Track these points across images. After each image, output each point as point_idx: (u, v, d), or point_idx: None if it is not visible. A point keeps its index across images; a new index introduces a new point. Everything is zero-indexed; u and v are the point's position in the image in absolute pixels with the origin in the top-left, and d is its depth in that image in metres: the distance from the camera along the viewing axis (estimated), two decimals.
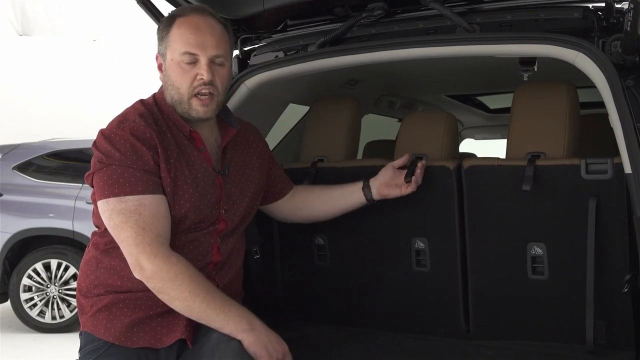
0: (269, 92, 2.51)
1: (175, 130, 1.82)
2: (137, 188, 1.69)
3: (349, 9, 2.26)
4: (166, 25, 1.80)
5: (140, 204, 1.69)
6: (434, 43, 2.09)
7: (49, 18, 12.99)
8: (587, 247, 1.93)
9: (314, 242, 2.39)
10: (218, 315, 1.70)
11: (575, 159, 1.96)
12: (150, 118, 1.79)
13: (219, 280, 1.90)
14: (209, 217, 1.84)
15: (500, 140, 5.61)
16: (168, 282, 1.68)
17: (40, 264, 6.26)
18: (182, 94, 1.80)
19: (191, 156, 1.82)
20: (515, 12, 2.03)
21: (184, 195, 1.78)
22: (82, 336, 1.85)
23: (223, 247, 1.90)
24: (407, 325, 2.28)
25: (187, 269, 1.70)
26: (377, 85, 3.46)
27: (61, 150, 6.67)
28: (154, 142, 1.74)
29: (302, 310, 2.47)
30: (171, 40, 1.79)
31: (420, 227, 2.22)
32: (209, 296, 1.70)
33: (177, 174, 1.77)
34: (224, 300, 1.73)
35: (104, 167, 1.72)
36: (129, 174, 1.70)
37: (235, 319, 1.71)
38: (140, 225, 1.68)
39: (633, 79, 1.82)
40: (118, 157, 1.70)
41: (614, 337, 1.97)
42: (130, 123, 1.75)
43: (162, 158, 1.74)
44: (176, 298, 1.69)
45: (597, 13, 1.96)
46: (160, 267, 1.68)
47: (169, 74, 1.80)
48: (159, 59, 1.84)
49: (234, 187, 1.91)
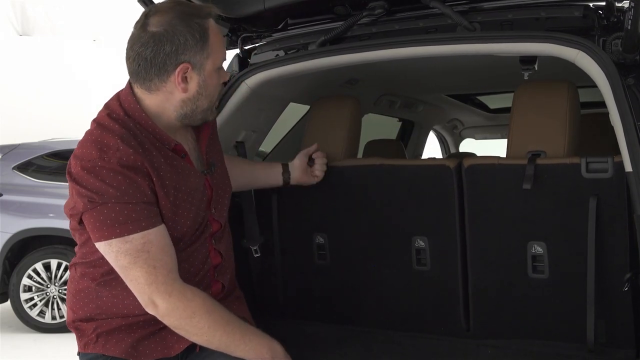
0: (269, 91, 2.51)
1: (157, 143, 1.68)
2: (141, 224, 1.58)
3: (349, 8, 2.25)
4: (201, 34, 1.65)
5: (146, 241, 1.59)
6: (435, 42, 2.09)
7: (49, 18, 12.99)
8: (588, 246, 1.93)
9: (314, 241, 2.39)
10: (239, 347, 1.69)
11: (576, 158, 1.96)
12: (131, 139, 1.62)
13: (222, 280, 1.88)
14: (202, 222, 1.79)
15: (500, 140, 5.63)
16: (186, 319, 1.63)
17: (40, 264, 6.26)
18: (214, 100, 1.75)
19: (179, 168, 1.71)
20: (516, 11, 2.03)
21: (184, 213, 1.71)
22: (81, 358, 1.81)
23: (219, 247, 1.87)
24: (408, 324, 2.28)
25: (204, 303, 1.66)
26: (377, 84, 3.46)
27: (61, 150, 6.67)
28: (145, 170, 1.61)
29: (302, 310, 2.47)
30: (213, 49, 1.68)
31: (421, 225, 2.22)
32: (228, 328, 1.68)
33: (176, 194, 1.68)
34: (243, 331, 1.71)
35: (97, 206, 1.57)
36: (129, 210, 1.57)
37: (257, 347, 1.70)
38: (150, 263, 1.59)
39: (634, 78, 1.82)
40: (113, 194, 1.56)
41: (614, 335, 1.97)
42: (113, 152, 1.58)
43: (157, 184, 1.63)
44: (194, 334, 1.67)
45: (597, 12, 1.96)
46: (177, 306, 1.62)
47: (207, 84, 1.70)
48: (189, 70, 1.66)
49: (220, 182, 1.88)
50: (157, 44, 1.62)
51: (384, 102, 3.80)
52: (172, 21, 1.63)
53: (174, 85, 1.66)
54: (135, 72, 1.67)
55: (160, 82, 1.66)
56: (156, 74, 1.65)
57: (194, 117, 1.74)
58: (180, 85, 1.66)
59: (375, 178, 2.28)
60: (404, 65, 2.78)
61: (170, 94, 1.68)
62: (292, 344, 2.16)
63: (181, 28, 1.62)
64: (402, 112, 4.37)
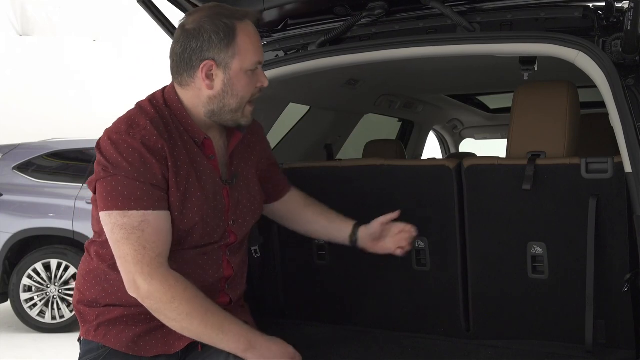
0: (269, 92, 2.49)
1: (186, 136, 1.74)
2: (143, 203, 1.62)
3: (349, 8, 2.26)
4: (227, 33, 1.69)
5: (144, 220, 1.62)
6: (435, 42, 2.09)
7: (49, 18, 13.00)
8: (587, 247, 1.93)
9: (314, 242, 2.39)
10: (217, 336, 1.66)
11: (576, 158, 1.96)
12: (161, 124, 1.70)
13: (231, 295, 1.87)
14: (217, 230, 1.78)
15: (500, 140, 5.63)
16: (165, 304, 1.64)
17: (40, 264, 6.26)
18: (243, 102, 1.76)
19: (201, 165, 1.75)
20: (515, 12, 2.03)
21: (193, 209, 1.71)
22: (82, 344, 1.82)
23: (233, 260, 1.85)
24: (407, 324, 2.28)
25: (184, 290, 1.65)
26: (377, 84, 3.46)
27: (61, 150, 6.68)
28: (164, 154, 1.66)
29: (302, 310, 2.47)
30: (241, 49, 1.70)
31: (421, 226, 2.21)
32: (207, 317, 1.66)
33: (187, 187, 1.71)
34: (222, 320, 1.68)
35: (108, 177, 1.64)
36: (135, 187, 1.62)
37: (235, 338, 1.67)
38: (141, 243, 1.62)
39: (633, 78, 1.82)
40: (125, 168, 1.62)
41: (614, 336, 1.97)
42: (141, 130, 1.66)
43: (171, 171, 1.67)
44: (173, 319, 1.66)
45: (597, 12, 1.96)
46: (157, 289, 1.63)
47: (233, 83, 1.72)
48: (213, 68, 1.70)
49: (241, 196, 1.86)
50: (186, 40, 1.70)
51: (384, 102, 3.80)
52: (202, 20, 1.70)
53: (200, 81, 1.72)
54: (171, 67, 1.77)
55: (189, 77, 1.73)
56: (185, 70, 1.73)
57: (223, 116, 1.76)
58: (205, 81, 1.71)
59: (375, 178, 2.28)
60: (404, 65, 2.78)
61: (199, 90, 1.74)
62: (291, 344, 2.16)
63: (208, 26, 1.69)
64: (402, 112, 4.38)
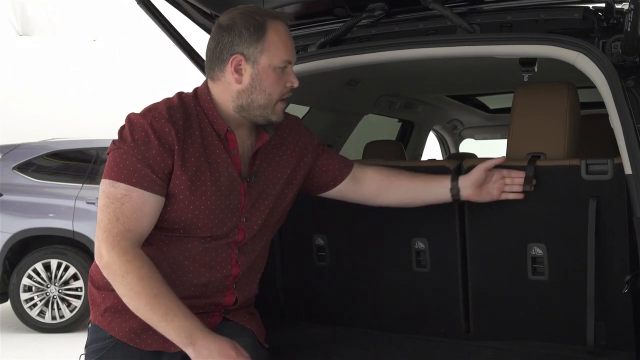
0: None
1: (208, 128, 1.79)
2: (131, 179, 1.68)
3: (349, 10, 2.26)
4: (258, 29, 1.74)
5: (126, 194, 1.68)
6: (434, 44, 2.09)
7: (49, 18, 13.01)
8: (588, 248, 1.93)
9: (314, 242, 2.39)
10: (161, 323, 1.65)
11: (576, 160, 1.96)
12: (180, 112, 1.76)
13: (238, 295, 1.86)
14: (228, 224, 1.80)
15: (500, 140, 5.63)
16: (118, 277, 1.66)
17: (40, 264, 6.27)
18: (272, 99, 1.78)
19: (218, 158, 1.78)
20: (515, 13, 2.03)
21: (201, 197, 1.74)
22: (91, 329, 1.84)
23: (242, 259, 1.85)
24: (407, 325, 2.28)
25: (139, 268, 1.65)
26: (377, 85, 3.46)
27: (61, 150, 6.68)
28: (171, 139, 1.71)
29: (302, 311, 2.47)
30: (270, 46, 1.74)
31: (421, 227, 2.22)
32: (155, 300, 1.64)
33: (197, 174, 1.74)
34: (169, 308, 1.65)
35: (114, 149, 1.73)
36: (131, 162, 1.69)
37: (176, 330, 1.64)
38: (116, 214, 1.67)
39: (633, 80, 1.82)
40: (128, 143, 1.70)
41: (614, 337, 1.97)
42: (154, 113, 1.73)
43: (178, 156, 1.71)
44: (124, 295, 1.67)
45: (597, 14, 1.96)
46: (114, 260, 1.66)
47: (261, 78, 1.76)
48: (243, 62, 1.75)
49: (260, 195, 1.86)
50: (219, 35, 1.78)
51: (383, 102, 3.80)
52: (235, 16, 1.76)
53: (230, 75, 1.77)
54: (205, 61, 1.84)
55: (219, 71, 1.79)
56: (216, 64, 1.79)
57: (251, 111, 1.79)
58: (234, 75, 1.76)
59: None
60: (404, 66, 2.78)
61: (229, 84, 1.78)
62: (291, 345, 2.16)
63: (240, 22, 1.75)
64: (402, 112, 4.38)
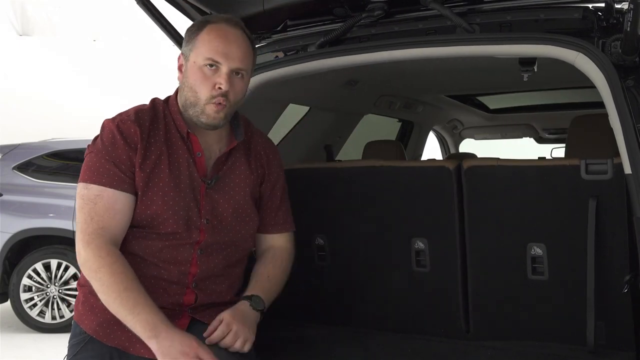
0: (268, 93, 2.51)
1: (173, 130, 1.85)
2: (102, 179, 1.76)
3: (348, 10, 2.25)
4: (197, 28, 1.82)
5: (98, 194, 1.75)
6: (434, 43, 2.09)
7: (49, 18, 13.02)
8: (587, 248, 1.93)
9: (314, 242, 2.38)
10: (127, 316, 1.69)
11: (575, 159, 1.96)
12: (147, 115, 1.83)
13: (200, 295, 1.85)
14: (189, 224, 1.81)
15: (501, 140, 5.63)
16: (92, 272, 1.73)
17: (40, 264, 6.26)
18: (198, 97, 1.80)
19: (180, 158, 1.83)
20: (515, 13, 2.03)
21: (158, 193, 1.79)
22: (72, 325, 1.89)
23: (203, 260, 1.84)
24: (407, 325, 2.28)
25: (112, 264, 1.71)
26: (377, 85, 3.46)
27: (61, 150, 6.67)
28: (136, 139, 1.78)
29: (302, 310, 2.47)
30: (198, 44, 1.80)
31: (420, 227, 2.22)
32: (124, 294, 1.69)
33: (156, 172, 1.79)
34: (137, 302, 1.69)
35: (88, 154, 1.82)
36: (100, 164, 1.77)
37: (142, 324, 1.68)
38: (90, 214, 1.75)
39: (633, 80, 1.82)
40: (98, 146, 1.79)
41: (614, 337, 1.97)
42: (123, 116, 1.82)
43: (139, 154, 1.78)
44: (98, 290, 1.73)
45: (597, 13, 1.96)
46: (89, 257, 1.72)
47: (188, 75, 1.81)
48: (181, 59, 1.85)
49: (222, 199, 1.88)
50: None
51: (383, 102, 3.80)
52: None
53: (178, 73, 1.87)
54: None
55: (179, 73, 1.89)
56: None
57: (188, 109, 1.83)
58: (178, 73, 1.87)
59: (375, 179, 2.28)
60: (404, 66, 2.78)
61: None
62: (291, 345, 2.16)
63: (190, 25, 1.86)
64: (402, 112, 4.37)
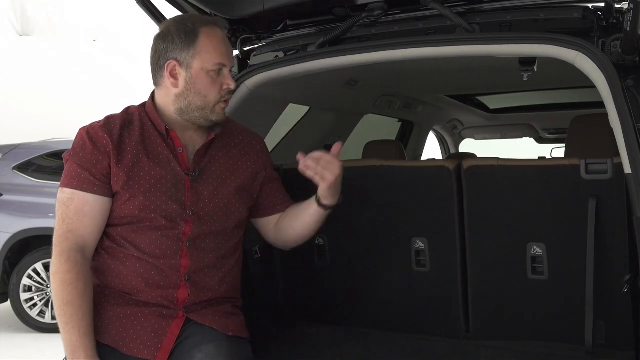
0: (268, 92, 2.51)
1: (151, 129, 1.89)
2: (73, 183, 1.82)
3: (348, 9, 2.25)
4: (189, 34, 1.83)
5: (70, 198, 1.82)
6: (434, 43, 2.09)
7: (49, 18, 13.02)
8: (587, 247, 1.93)
9: (314, 242, 2.38)
10: (61, 329, 1.75)
11: (575, 159, 1.96)
12: (118, 119, 1.88)
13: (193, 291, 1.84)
14: (174, 217, 1.83)
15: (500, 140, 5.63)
16: (51, 275, 1.82)
17: (40, 264, 6.25)
18: (209, 101, 1.86)
19: (160, 154, 1.87)
20: (515, 12, 2.03)
21: (140, 189, 1.82)
22: None
23: (193, 252, 1.84)
24: (407, 325, 2.28)
25: (67, 272, 1.78)
26: (377, 85, 3.46)
27: (61, 150, 6.64)
28: (105, 142, 1.83)
29: (302, 310, 2.47)
30: (201, 50, 1.83)
31: (420, 227, 2.22)
32: (63, 307, 1.76)
33: (135, 170, 1.83)
34: (71, 319, 1.75)
35: (65, 162, 1.87)
36: (72, 169, 1.83)
37: (66, 342, 1.75)
38: (62, 217, 1.83)
39: (633, 79, 1.82)
40: (72, 152, 1.85)
41: (613, 337, 1.97)
42: (93, 124, 1.88)
43: (114, 157, 1.82)
44: (52, 293, 1.80)
45: (596, 13, 1.96)
46: (53, 260, 1.82)
47: (195, 81, 1.84)
48: (176, 67, 1.83)
49: (207, 190, 1.89)
50: (155, 43, 1.88)
51: (383, 102, 3.80)
52: (170, 24, 1.87)
53: (167, 80, 1.86)
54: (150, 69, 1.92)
55: (159, 77, 1.88)
56: (155, 70, 1.89)
57: (190, 113, 1.87)
58: (170, 80, 1.85)
59: (375, 179, 2.28)
60: (404, 66, 2.78)
61: (168, 89, 1.87)
62: (291, 345, 2.17)
63: (173, 29, 1.85)
64: (402, 112, 4.37)
